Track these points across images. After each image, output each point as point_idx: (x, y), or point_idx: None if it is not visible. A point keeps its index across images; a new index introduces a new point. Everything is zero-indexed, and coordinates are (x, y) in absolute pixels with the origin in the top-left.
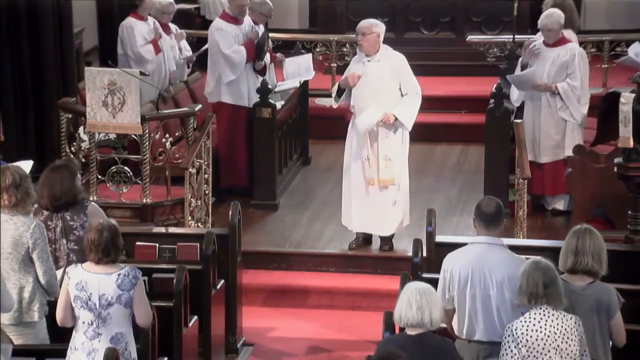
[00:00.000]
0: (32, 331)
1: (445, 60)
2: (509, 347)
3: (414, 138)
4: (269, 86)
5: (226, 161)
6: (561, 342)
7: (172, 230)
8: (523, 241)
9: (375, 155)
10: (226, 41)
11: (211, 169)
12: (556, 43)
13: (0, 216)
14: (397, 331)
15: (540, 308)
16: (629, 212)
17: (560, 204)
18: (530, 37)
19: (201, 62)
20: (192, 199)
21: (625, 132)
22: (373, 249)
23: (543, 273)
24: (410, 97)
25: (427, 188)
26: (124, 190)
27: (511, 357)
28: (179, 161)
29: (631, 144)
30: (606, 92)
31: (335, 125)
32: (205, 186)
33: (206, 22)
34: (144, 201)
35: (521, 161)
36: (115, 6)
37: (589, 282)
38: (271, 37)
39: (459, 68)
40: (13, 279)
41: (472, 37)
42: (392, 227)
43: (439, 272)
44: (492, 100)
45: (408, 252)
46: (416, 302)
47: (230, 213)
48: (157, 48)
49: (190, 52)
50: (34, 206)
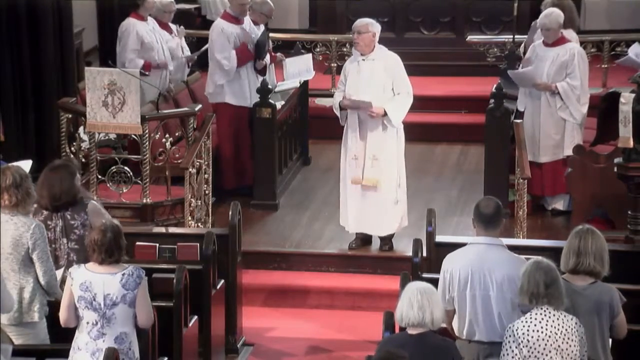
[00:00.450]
0: (32, 331)
1: (445, 60)
2: (510, 348)
3: (414, 138)
4: (269, 86)
5: (231, 162)
6: (562, 343)
7: (172, 230)
8: (523, 241)
9: (362, 154)
10: (220, 45)
11: (211, 169)
12: (555, 43)
13: (0, 216)
14: (397, 331)
15: (541, 308)
16: (629, 212)
17: (560, 204)
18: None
19: (201, 62)
20: (192, 199)
21: (625, 132)
22: (373, 249)
23: (544, 273)
24: (402, 96)
25: (427, 188)
26: (124, 190)
27: (512, 358)
28: (179, 161)
29: (631, 144)
30: (606, 92)
31: (335, 125)
32: (205, 186)
33: (206, 22)
34: (144, 201)
35: (521, 161)
36: (115, 6)
37: (591, 283)
38: (271, 37)
39: (459, 68)
40: (13, 280)
41: (472, 37)
42: (392, 227)
43: (439, 272)
44: (492, 100)
45: (408, 252)
46: (417, 302)
47: (230, 213)
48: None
49: (189, 52)
50: (34, 206)
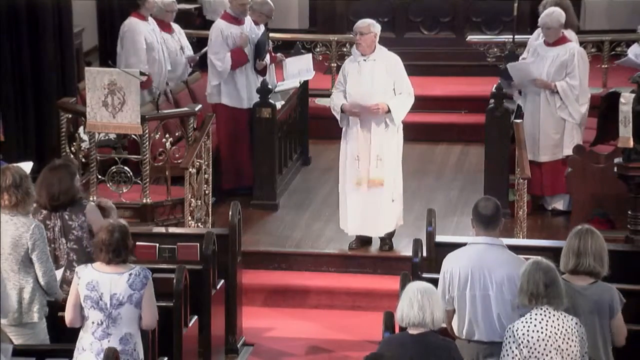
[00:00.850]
0: (32, 332)
1: (445, 60)
2: (510, 348)
3: (414, 138)
4: (269, 86)
5: (228, 163)
6: (562, 343)
7: (172, 230)
8: (523, 241)
9: (367, 154)
10: (216, 46)
11: (211, 169)
12: (556, 42)
13: (0, 216)
14: (397, 331)
15: (541, 308)
16: (629, 212)
17: (560, 204)
18: (528, 37)
19: (202, 63)
20: (192, 199)
21: (625, 132)
22: (373, 249)
23: (544, 273)
24: (404, 96)
25: (427, 188)
26: (124, 190)
27: (512, 358)
28: (179, 161)
29: (631, 144)
30: (606, 92)
31: (335, 125)
32: (205, 186)
33: (206, 22)
34: (144, 201)
35: (521, 161)
36: (115, 6)
37: (591, 283)
38: (271, 37)
39: (459, 68)
40: (13, 280)
41: (472, 37)
42: (390, 225)
43: (439, 272)
44: (492, 100)
45: (408, 252)
46: (418, 302)
47: (230, 213)
48: None
49: (191, 52)
50: (34, 205)
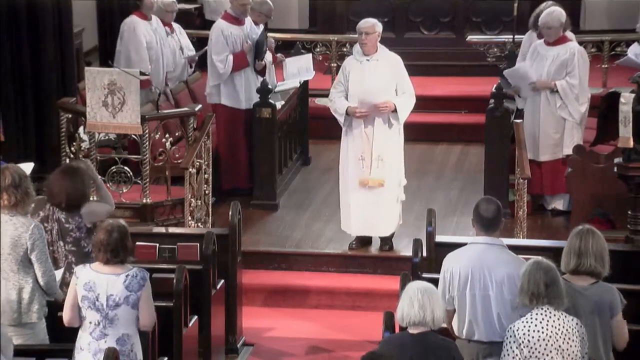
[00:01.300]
0: (32, 332)
1: (445, 60)
2: (511, 348)
3: (414, 138)
4: (269, 86)
5: (227, 163)
6: (562, 343)
7: (172, 230)
8: (523, 241)
9: (369, 154)
10: (218, 47)
11: (211, 169)
12: (556, 42)
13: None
14: (397, 331)
15: (541, 308)
16: (629, 212)
17: (560, 204)
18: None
19: (202, 62)
20: (192, 199)
21: (625, 132)
22: (373, 249)
23: (544, 273)
24: (407, 96)
25: (427, 188)
26: (124, 190)
27: (513, 358)
28: (179, 161)
29: (631, 144)
30: (606, 92)
31: (335, 125)
32: (205, 186)
33: (206, 22)
34: (144, 201)
35: (521, 161)
36: (115, 6)
37: (592, 283)
38: (271, 37)
39: (459, 68)
40: (12, 280)
41: (472, 37)
42: (394, 225)
43: (439, 272)
44: (492, 100)
45: (408, 252)
46: (418, 301)
47: (230, 213)
48: None
49: (192, 51)
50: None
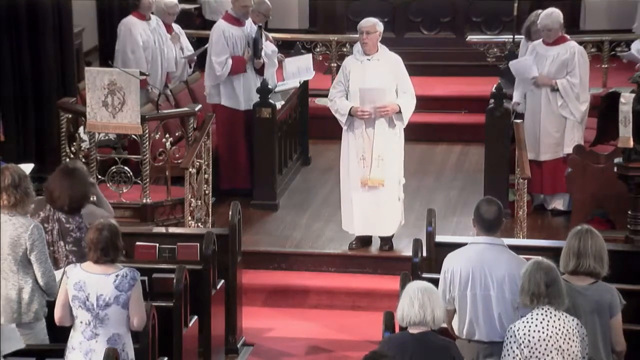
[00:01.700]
0: (31, 332)
1: (445, 60)
2: (511, 348)
3: (414, 138)
4: (269, 86)
5: (226, 163)
6: (563, 343)
7: (172, 230)
8: (523, 241)
9: (370, 154)
10: (218, 48)
11: (211, 169)
12: (556, 41)
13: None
14: (397, 331)
15: (542, 308)
16: (629, 212)
17: (560, 204)
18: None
19: (201, 62)
20: (192, 199)
21: (625, 132)
22: (373, 249)
23: (545, 273)
24: (408, 97)
25: (427, 188)
26: (124, 190)
27: (513, 358)
28: (179, 161)
29: (631, 144)
30: (606, 92)
31: (335, 125)
32: (205, 186)
33: (206, 22)
34: (144, 201)
35: (521, 161)
36: (115, 6)
37: (591, 283)
38: (271, 37)
39: (459, 68)
40: (12, 280)
41: (472, 37)
42: (396, 224)
43: (439, 272)
44: (492, 100)
45: (408, 252)
46: (418, 301)
47: (230, 213)
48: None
49: (191, 52)
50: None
